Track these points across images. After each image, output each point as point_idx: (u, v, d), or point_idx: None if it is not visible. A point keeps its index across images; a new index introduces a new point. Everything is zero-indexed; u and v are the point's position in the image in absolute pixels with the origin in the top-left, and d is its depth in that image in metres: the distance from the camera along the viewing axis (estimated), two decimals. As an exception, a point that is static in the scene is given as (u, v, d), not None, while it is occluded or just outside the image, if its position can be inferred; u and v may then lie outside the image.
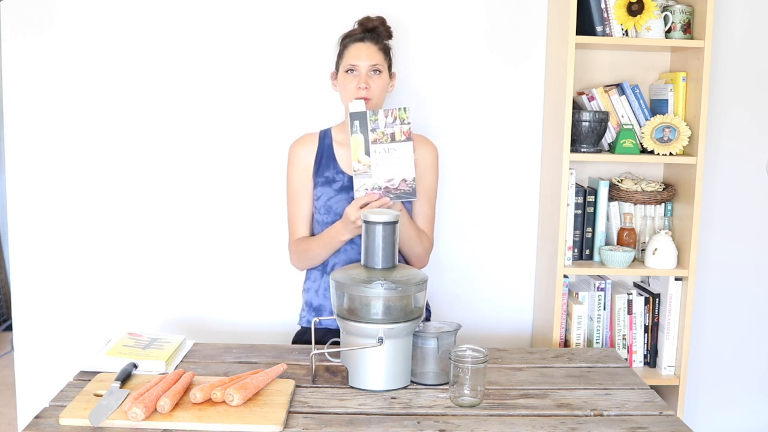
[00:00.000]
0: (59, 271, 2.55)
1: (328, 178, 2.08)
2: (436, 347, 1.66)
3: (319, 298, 2.11)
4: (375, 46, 2.07)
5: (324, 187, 2.08)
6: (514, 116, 2.56)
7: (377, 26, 2.12)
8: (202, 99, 2.49)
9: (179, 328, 2.53)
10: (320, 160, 2.11)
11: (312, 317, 2.11)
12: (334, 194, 2.07)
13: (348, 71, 2.05)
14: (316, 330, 2.11)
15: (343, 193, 2.06)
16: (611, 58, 2.53)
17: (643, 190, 2.45)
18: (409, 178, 1.87)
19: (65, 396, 1.56)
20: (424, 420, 1.50)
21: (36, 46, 2.45)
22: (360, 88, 2.02)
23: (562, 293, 2.37)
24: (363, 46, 2.06)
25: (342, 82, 2.07)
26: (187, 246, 2.55)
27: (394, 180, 1.87)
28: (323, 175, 2.09)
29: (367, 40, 2.07)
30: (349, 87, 2.04)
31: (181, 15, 2.45)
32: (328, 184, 2.08)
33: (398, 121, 1.88)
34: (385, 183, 1.88)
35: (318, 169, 2.10)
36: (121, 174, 2.52)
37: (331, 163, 2.10)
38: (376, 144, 1.89)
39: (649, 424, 1.50)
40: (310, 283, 2.14)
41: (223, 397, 1.50)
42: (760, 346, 2.71)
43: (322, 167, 2.10)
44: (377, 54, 2.07)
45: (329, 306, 2.09)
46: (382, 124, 1.89)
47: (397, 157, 1.88)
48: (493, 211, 2.60)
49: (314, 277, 2.13)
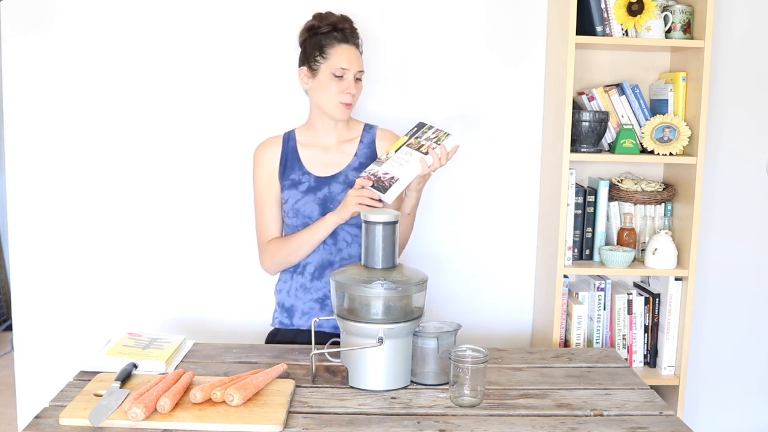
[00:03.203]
0: (59, 271, 2.55)
1: (294, 181, 2.06)
2: (436, 347, 1.66)
3: (291, 298, 2.09)
4: (357, 50, 2.04)
5: (291, 190, 2.05)
6: (514, 116, 2.56)
7: (349, 27, 2.04)
8: (203, 101, 2.49)
9: (179, 328, 2.53)
10: (285, 162, 2.08)
11: (283, 318, 2.11)
12: (301, 196, 2.04)
13: (336, 75, 1.98)
14: (285, 331, 2.12)
15: (309, 194, 2.04)
16: (611, 58, 2.53)
17: (643, 190, 2.45)
18: (395, 179, 1.86)
19: (65, 396, 1.56)
20: (424, 420, 1.50)
21: (36, 46, 2.45)
22: (348, 93, 1.98)
23: (562, 293, 2.37)
24: (350, 49, 2.01)
25: (325, 84, 1.99)
26: (187, 246, 2.55)
27: (388, 174, 1.87)
28: (289, 178, 2.06)
29: (351, 44, 2.02)
30: (332, 91, 1.98)
31: (182, 15, 2.45)
32: (294, 186, 2.05)
33: (434, 140, 1.90)
34: (382, 174, 1.89)
35: (284, 172, 2.07)
36: (121, 174, 2.52)
37: (296, 164, 2.07)
38: (407, 147, 1.92)
39: (649, 424, 1.50)
40: (282, 284, 2.13)
41: (223, 397, 1.50)
42: (760, 346, 2.71)
43: (288, 169, 2.07)
44: (360, 59, 2.03)
45: (300, 306, 2.08)
46: (424, 136, 1.92)
47: (406, 161, 1.88)
48: (493, 210, 2.60)
49: (285, 278, 2.11)
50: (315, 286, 2.06)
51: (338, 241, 2.04)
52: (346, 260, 2.05)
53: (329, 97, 2.00)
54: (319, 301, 2.06)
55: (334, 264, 2.05)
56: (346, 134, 2.10)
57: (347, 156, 2.07)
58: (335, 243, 2.04)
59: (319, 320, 1.95)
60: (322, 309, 2.06)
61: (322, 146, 2.09)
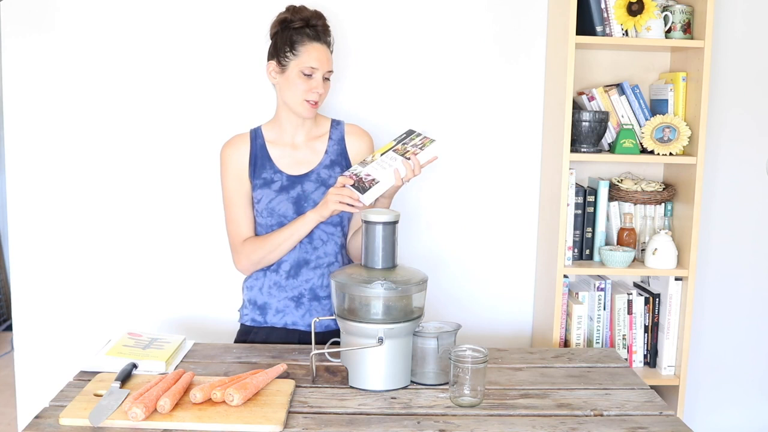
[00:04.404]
0: (59, 271, 2.55)
1: (266, 180, 2.03)
2: (436, 347, 1.66)
3: (264, 296, 2.06)
4: (328, 49, 2.02)
5: (263, 189, 2.03)
6: (514, 116, 2.56)
7: (322, 24, 2.02)
8: (203, 101, 2.49)
9: (179, 328, 2.53)
10: (255, 161, 2.05)
11: (255, 315, 2.07)
12: (274, 195, 2.02)
13: (305, 73, 1.96)
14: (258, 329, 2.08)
15: (283, 193, 2.02)
16: (611, 58, 2.53)
17: (643, 190, 2.45)
18: (375, 181, 1.86)
19: (65, 396, 1.56)
20: (424, 420, 1.50)
21: (36, 46, 2.45)
22: (315, 92, 1.97)
23: (562, 293, 2.37)
24: (321, 48, 1.99)
25: (293, 81, 1.97)
26: (187, 246, 2.55)
27: (369, 176, 1.88)
28: (261, 177, 2.03)
29: (322, 42, 2.00)
30: (300, 89, 1.96)
31: (182, 15, 2.45)
32: (266, 185, 2.03)
33: (419, 146, 1.90)
34: (363, 175, 1.89)
35: (254, 171, 2.04)
36: (121, 174, 2.52)
37: (267, 163, 2.04)
38: (393, 152, 1.93)
39: (649, 424, 1.50)
40: (253, 281, 2.09)
41: (223, 397, 1.50)
42: (760, 346, 2.71)
43: (258, 168, 2.04)
44: (330, 58, 2.02)
45: (275, 304, 2.05)
46: (410, 143, 1.93)
47: (389, 165, 1.89)
48: (493, 210, 2.60)
49: (257, 275, 2.08)
50: (290, 284, 2.04)
51: (314, 239, 2.02)
52: (322, 258, 2.03)
53: (296, 95, 1.98)
54: (294, 299, 2.04)
55: (310, 262, 2.03)
56: (314, 131, 2.09)
57: (318, 154, 2.06)
58: (311, 241, 2.02)
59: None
60: (297, 307, 2.04)
61: (291, 144, 2.06)
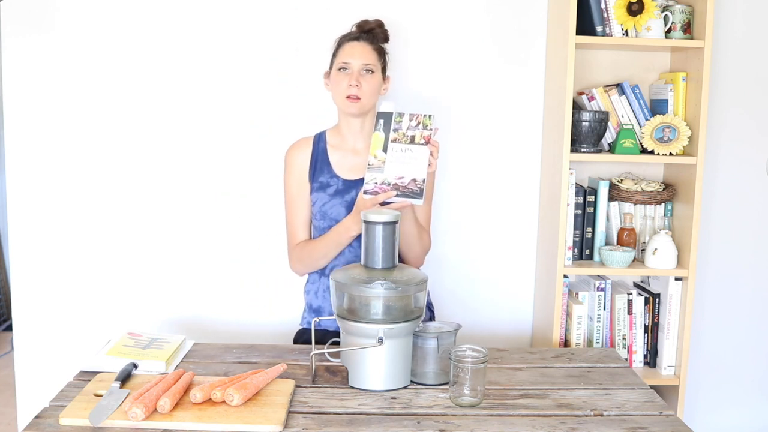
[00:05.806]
0: (59, 271, 2.55)
1: (322, 183, 2.07)
2: (436, 347, 1.66)
3: (318, 299, 2.11)
4: (369, 45, 2.06)
5: (319, 193, 2.07)
6: (514, 116, 2.56)
7: (374, 28, 2.11)
8: (203, 101, 2.49)
9: (179, 328, 2.53)
10: (315, 164, 2.10)
11: (312, 318, 2.11)
12: (328, 199, 2.06)
13: (340, 69, 2.03)
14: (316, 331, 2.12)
15: (337, 197, 2.05)
16: (611, 58, 2.53)
17: (643, 190, 2.45)
18: (419, 179, 1.86)
19: (65, 396, 1.56)
20: (424, 420, 1.50)
21: (36, 46, 2.45)
22: (351, 85, 2.00)
23: (562, 293, 2.37)
24: (357, 44, 2.05)
25: (334, 80, 2.05)
26: (187, 246, 2.55)
27: (405, 178, 1.87)
28: (318, 180, 2.08)
29: (363, 40, 2.06)
30: (341, 85, 2.02)
31: (182, 16, 2.45)
32: (322, 189, 2.07)
33: (421, 126, 1.89)
34: (395, 180, 1.87)
35: (313, 174, 2.09)
36: (121, 174, 2.52)
37: (325, 167, 2.09)
38: (395, 143, 1.90)
39: (649, 424, 1.50)
40: (310, 285, 2.15)
41: (223, 397, 1.50)
42: (760, 346, 2.71)
43: (317, 172, 2.09)
44: (371, 53, 2.05)
45: (328, 307, 2.10)
46: (404, 126, 1.91)
47: (413, 158, 1.88)
48: (493, 211, 2.60)
49: (313, 279, 2.14)
50: None
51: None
52: None
53: (338, 94, 2.04)
54: None
55: None
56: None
57: None
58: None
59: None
60: None
61: (352, 149, 2.10)
